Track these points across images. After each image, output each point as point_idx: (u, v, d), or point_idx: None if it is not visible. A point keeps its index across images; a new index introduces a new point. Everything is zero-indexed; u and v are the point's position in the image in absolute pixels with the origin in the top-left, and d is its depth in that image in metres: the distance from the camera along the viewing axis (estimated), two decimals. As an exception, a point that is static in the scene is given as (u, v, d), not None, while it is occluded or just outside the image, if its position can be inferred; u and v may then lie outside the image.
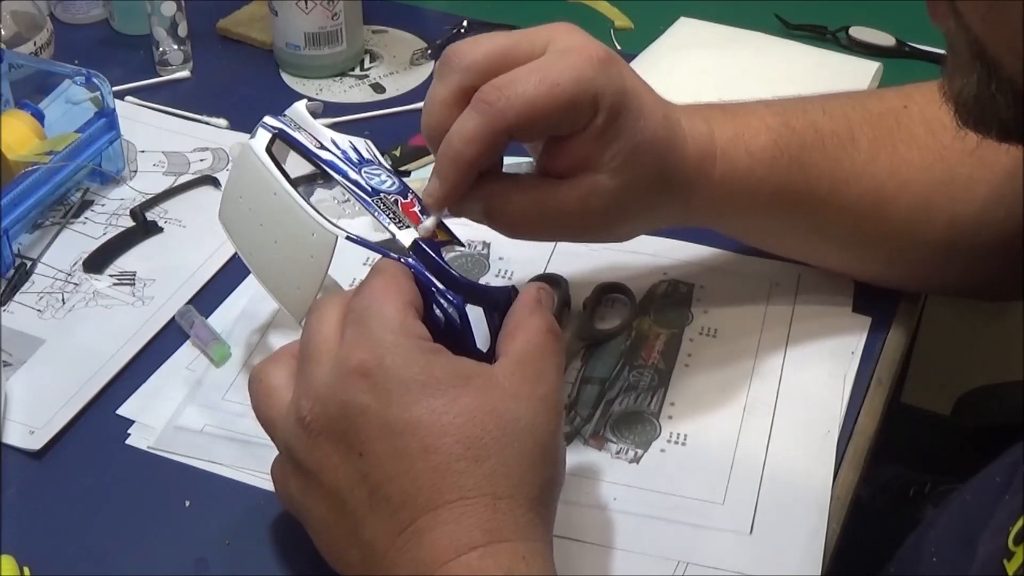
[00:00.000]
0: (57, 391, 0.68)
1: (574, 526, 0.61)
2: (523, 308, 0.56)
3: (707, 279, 0.76)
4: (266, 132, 0.62)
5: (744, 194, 0.66)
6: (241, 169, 0.64)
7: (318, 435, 0.52)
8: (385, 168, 0.62)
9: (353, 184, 0.60)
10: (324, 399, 0.52)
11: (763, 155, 0.66)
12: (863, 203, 0.68)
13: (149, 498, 0.63)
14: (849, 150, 0.68)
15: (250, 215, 0.63)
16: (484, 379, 0.52)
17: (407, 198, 0.60)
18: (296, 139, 0.62)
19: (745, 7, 1.03)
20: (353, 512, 0.51)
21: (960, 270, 0.72)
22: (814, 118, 0.68)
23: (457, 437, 0.50)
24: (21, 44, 0.91)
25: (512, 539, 0.50)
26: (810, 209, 0.68)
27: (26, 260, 0.77)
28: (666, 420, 0.68)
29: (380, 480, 0.50)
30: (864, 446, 0.67)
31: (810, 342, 0.72)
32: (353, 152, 0.62)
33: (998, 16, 0.45)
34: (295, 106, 0.65)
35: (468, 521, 0.49)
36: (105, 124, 0.82)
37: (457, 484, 0.50)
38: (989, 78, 0.48)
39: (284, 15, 0.93)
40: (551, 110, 0.56)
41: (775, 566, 0.60)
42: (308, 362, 0.53)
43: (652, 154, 0.61)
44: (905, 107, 0.69)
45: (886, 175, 0.68)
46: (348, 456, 0.51)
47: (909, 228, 0.69)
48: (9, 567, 0.57)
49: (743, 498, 0.63)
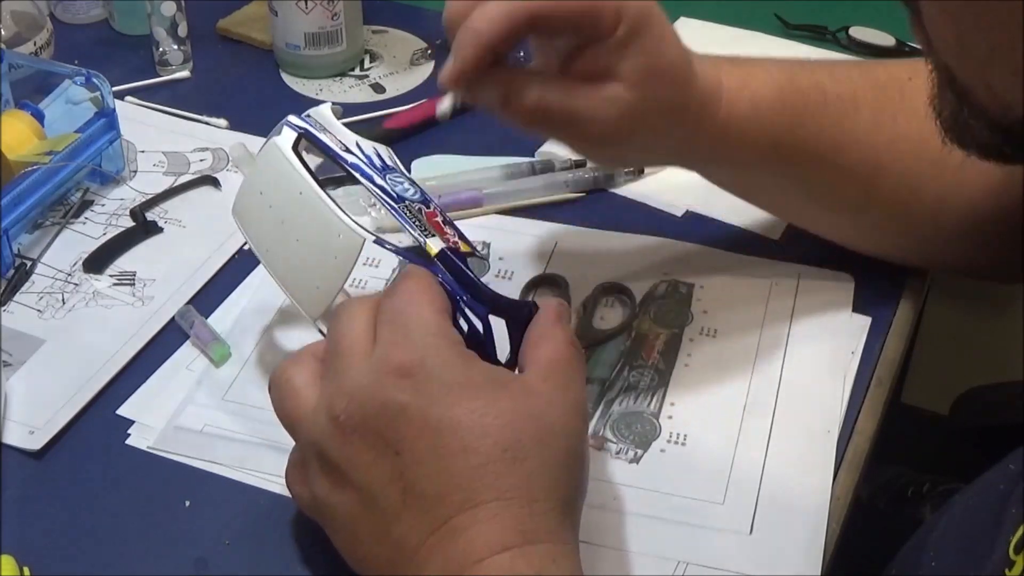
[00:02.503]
0: (57, 391, 0.68)
1: (574, 526, 0.61)
2: (546, 320, 0.57)
3: (707, 279, 0.76)
4: (292, 131, 0.62)
5: (744, 141, 0.67)
6: (265, 165, 0.63)
7: (352, 433, 0.52)
8: (406, 176, 0.62)
9: (380, 189, 0.60)
10: (360, 398, 0.52)
11: (766, 106, 0.67)
12: (858, 170, 0.69)
13: (149, 498, 0.63)
14: (851, 115, 0.68)
15: (270, 211, 0.63)
16: (520, 384, 0.53)
17: (430, 207, 0.60)
18: (322, 140, 0.62)
19: (745, 7, 1.03)
20: (385, 510, 0.51)
21: (952, 248, 0.72)
22: (820, 79, 0.69)
23: (496, 439, 0.51)
24: (21, 44, 0.91)
25: (544, 541, 0.50)
26: (805, 168, 0.69)
27: (26, 260, 0.77)
28: (666, 420, 0.68)
29: (416, 478, 0.51)
30: (864, 446, 0.67)
31: (810, 342, 0.72)
32: (376, 158, 0.62)
33: (967, 47, 0.45)
34: (319, 108, 0.64)
35: (503, 522, 0.50)
36: (105, 124, 0.82)
37: (494, 485, 0.50)
38: (960, 106, 0.49)
39: (284, 15, 0.93)
40: (573, 9, 0.58)
41: (775, 566, 0.60)
42: (339, 360, 0.54)
43: (669, 78, 0.62)
44: (910, 79, 0.70)
45: (884, 146, 0.69)
46: (384, 454, 0.51)
47: (897, 200, 0.70)
48: (9, 567, 0.57)
49: (743, 498, 0.63)
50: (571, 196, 0.82)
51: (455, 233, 0.59)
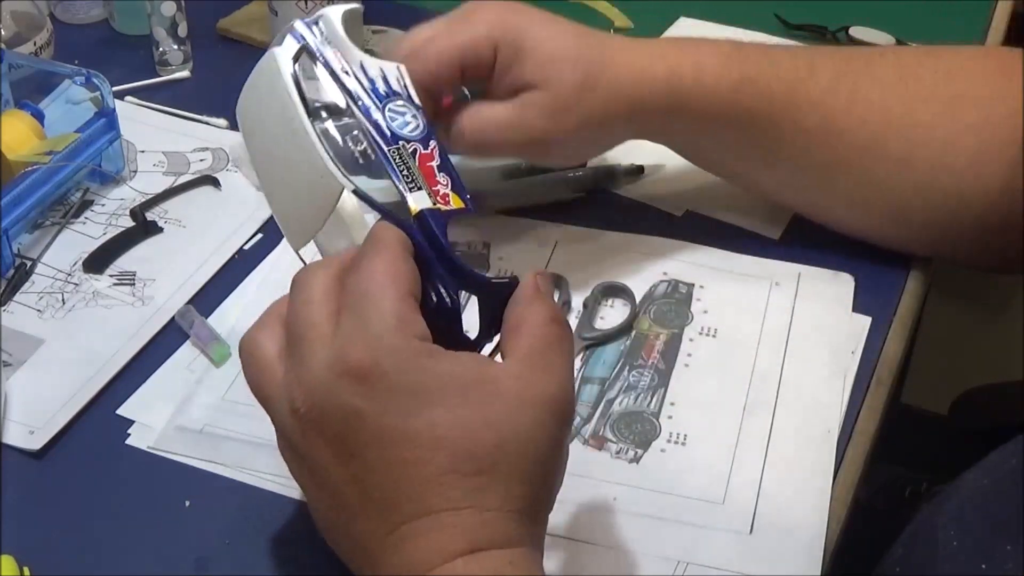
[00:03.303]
0: (57, 391, 0.68)
1: (574, 526, 0.61)
2: (522, 300, 0.54)
3: (707, 279, 0.76)
4: (294, 41, 0.58)
5: (691, 103, 0.71)
6: (260, 77, 0.60)
7: (311, 429, 0.51)
8: (413, 105, 0.58)
9: (373, 126, 0.56)
10: (318, 396, 0.51)
11: (713, 70, 0.71)
12: (817, 131, 0.72)
13: (149, 498, 0.63)
14: (806, 80, 0.71)
15: (263, 126, 0.60)
16: (485, 387, 0.51)
17: (427, 148, 0.56)
18: (323, 57, 0.58)
19: (745, 7, 1.03)
20: (345, 508, 0.51)
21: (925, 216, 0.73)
22: (774, 54, 0.73)
23: (450, 451, 0.49)
24: (21, 44, 0.91)
25: (500, 547, 0.50)
26: (761, 129, 0.72)
27: (26, 260, 0.77)
28: (666, 420, 0.68)
29: (370, 485, 0.50)
30: (864, 446, 0.67)
31: (810, 342, 0.72)
32: (382, 82, 0.58)
33: None
34: (328, 11, 0.60)
35: (454, 530, 0.49)
36: (105, 124, 0.82)
37: (446, 496, 0.49)
38: None
39: (284, 15, 0.93)
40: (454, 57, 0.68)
41: (775, 566, 0.60)
42: (299, 345, 0.52)
43: (571, 67, 0.69)
44: (881, 55, 0.73)
45: (843, 108, 0.71)
46: (340, 456, 0.51)
47: (861, 162, 0.72)
48: (9, 567, 0.57)
49: (743, 498, 0.63)
50: (571, 196, 0.82)
51: (449, 182, 0.56)
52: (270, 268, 0.77)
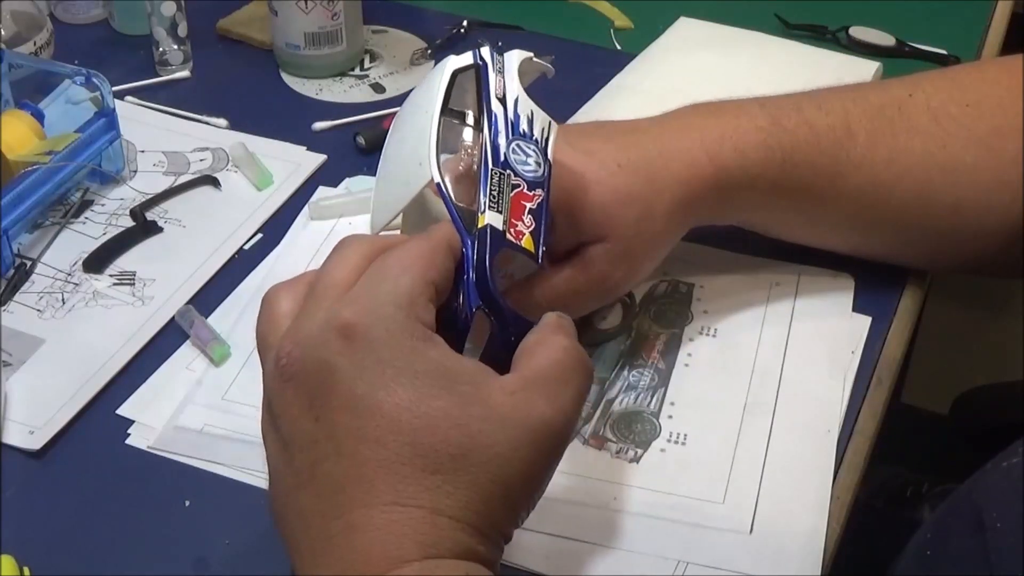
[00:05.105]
0: (57, 391, 0.68)
1: (574, 526, 0.61)
2: (546, 327, 0.53)
3: (707, 279, 0.76)
4: (471, 57, 0.61)
5: (740, 191, 0.69)
6: (432, 74, 0.62)
7: (288, 381, 0.50)
8: (539, 154, 0.59)
9: (492, 147, 0.58)
10: (303, 347, 0.50)
11: (755, 154, 0.68)
12: (862, 193, 0.70)
13: (149, 498, 0.63)
14: (845, 144, 0.69)
15: (408, 114, 0.63)
16: (473, 389, 0.49)
17: (531, 191, 0.57)
18: (486, 79, 0.60)
19: (745, 7, 1.03)
20: (297, 472, 0.49)
21: (966, 251, 0.73)
22: (809, 116, 0.70)
23: (410, 439, 0.47)
24: (21, 44, 0.91)
25: (453, 556, 0.47)
26: (809, 203, 0.70)
27: (26, 260, 0.77)
28: (666, 420, 0.68)
29: (326, 453, 0.48)
30: (864, 446, 0.67)
31: (810, 342, 0.72)
32: (525, 122, 0.60)
33: None
34: (512, 54, 0.63)
35: (402, 530, 0.47)
36: (105, 124, 0.82)
37: (396, 487, 0.47)
38: None
39: (284, 15, 0.93)
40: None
41: (775, 566, 0.60)
42: (312, 301, 0.52)
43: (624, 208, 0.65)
44: (910, 95, 0.71)
45: (883, 164, 0.69)
46: (306, 414, 0.49)
47: (909, 213, 0.71)
48: (9, 567, 0.57)
49: (743, 498, 0.63)
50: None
51: (533, 228, 0.56)
52: (270, 268, 0.77)
